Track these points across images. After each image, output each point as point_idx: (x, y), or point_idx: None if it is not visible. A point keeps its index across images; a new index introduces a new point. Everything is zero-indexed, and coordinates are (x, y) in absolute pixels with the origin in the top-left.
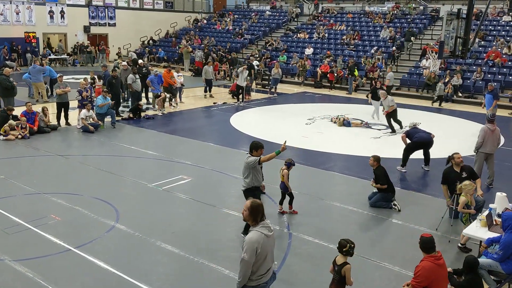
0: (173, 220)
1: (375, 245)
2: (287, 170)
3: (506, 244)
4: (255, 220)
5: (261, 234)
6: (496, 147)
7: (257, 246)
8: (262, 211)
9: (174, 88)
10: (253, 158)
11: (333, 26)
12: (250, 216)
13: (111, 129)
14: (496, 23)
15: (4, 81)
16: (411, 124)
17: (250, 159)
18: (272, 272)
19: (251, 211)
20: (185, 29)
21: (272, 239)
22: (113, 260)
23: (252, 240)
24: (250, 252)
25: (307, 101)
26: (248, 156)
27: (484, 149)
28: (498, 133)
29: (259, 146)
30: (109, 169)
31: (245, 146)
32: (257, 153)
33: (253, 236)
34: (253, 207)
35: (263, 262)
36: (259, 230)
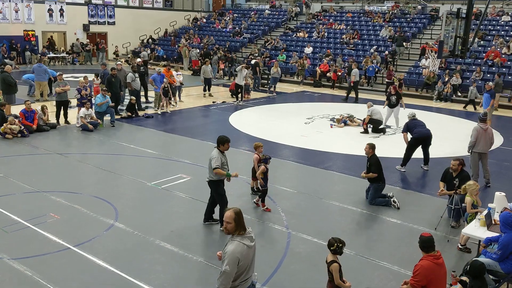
0: (172, 219)
1: (374, 244)
2: (264, 166)
3: (504, 244)
4: (243, 228)
5: (244, 246)
6: (489, 147)
7: (240, 258)
8: (243, 221)
9: (174, 87)
10: (216, 156)
11: (333, 25)
12: (236, 226)
13: (110, 128)
14: (496, 23)
15: (8, 78)
16: (410, 115)
17: (213, 157)
18: (250, 282)
19: (237, 220)
20: (185, 28)
21: (254, 249)
22: (112, 259)
23: (235, 252)
24: (232, 265)
25: (306, 101)
26: (215, 150)
27: (476, 149)
28: (491, 132)
29: (225, 141)
30: (108, 167)
31: (244, 145)
32: (224, 148)
33: (235, 248)
34: (238, 214)
35: (243, 272)
36: (242, 242)
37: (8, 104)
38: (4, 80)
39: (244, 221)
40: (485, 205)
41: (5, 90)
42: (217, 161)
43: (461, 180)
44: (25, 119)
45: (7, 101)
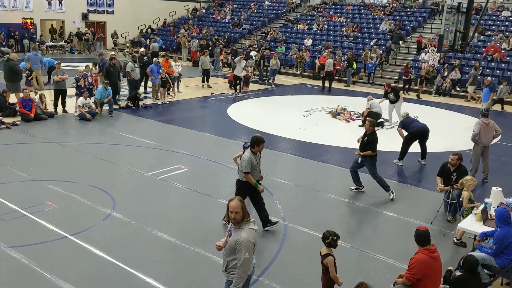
0: (169, 209)
1: (370, 237)
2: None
3: (499, 239)
4: (248, 214)
5: (254, 231)
6: (491, 140)
7: (255, 243)
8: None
9: (172, 78)
10: (247, 158)
11: (333, 18)
12: (244, 213)
13: (108, 118)
14: (496, 18)
15: (14, 66)
16: (404, 114)
17: (245, 159)
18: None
19: (244, 208)
20: (184, 18)
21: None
22: (109, 248)
23: (250, 238)
24: (250, 251)
25: (305, 93)
26: (247, 151)
27: (480, 142)
28: (493, 126)
29: (260, 141)
30: (106, 157)
31: (242, 137)
32: (258, 148)
33: (249, 235)
34: (243, 202)
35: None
36: (251, 227)
37: (13, 92)
38: (11, 68)
39: None
40: (482, 200)
41: (11, 78)
42: (247, 164)
43: (459, 175)
44: (22, 107)
45: (12, 89)
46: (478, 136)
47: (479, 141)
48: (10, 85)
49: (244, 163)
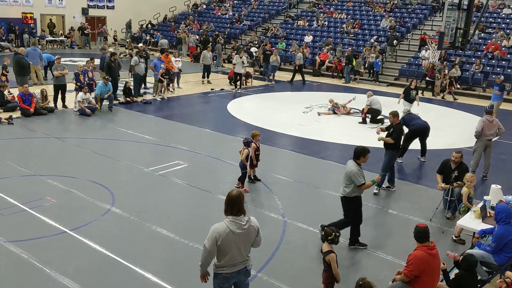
0: (168, 205)
1: (369, 234)
2: (247, 150)
3: (498, 236)
4: (226, 211)
5: (227, 228)
6: (495, 135)
7: (218, 238)
8: (239, 205)
9: (172, 73)
10: (356, 171)
11: (333, 14)
12: (226, 207)
13: (108, 113)
14: (497, 15)
15: (21, 60)
16: (405, 110)
17: (354, 172)
18: (243, 267)
19: (227, 202)
20: (184, 14)
21: (244, 236)
22: (108, 243)
23: (215, 230)
24: (210, 241)
25: (305, 89)
26: (352, 163)
27: (483, 138)
28: (497, 124)
29: (366, 152)
30: (105, 152)
31: (241, 133)
32: (364, 159)
33: (218, 227)
34: (229, 197)
35: (226, 254)
36: (227, 224)
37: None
38: (18, 62)
39: (242, 207)
40: (481, 197)
41: (19, 72)
42: (359, 176)
43: (460, 173)
44: (22, 102)
45: (21, 82)
46: (480, 134)
47: (481, 137)
48: (19, 79)
49: (355, 177)
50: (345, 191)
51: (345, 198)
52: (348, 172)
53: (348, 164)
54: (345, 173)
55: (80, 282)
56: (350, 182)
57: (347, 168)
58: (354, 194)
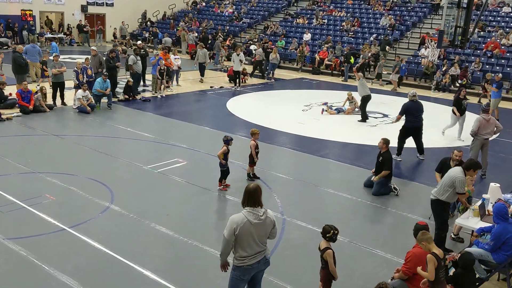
0: (167, 203)
1: (368, 232)
2: (225, 147)
3: (497, 235)
4: (244, 203)
5: (244, 218)
6: (491, 134)
7: (235, 228)
8: (256, 197)
9: (171, 71)
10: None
11: (333, 12)
12: (243, 198)
13: (107, 110)
14: (496, 13)
15: (19, 59)
16: (411, 94)
17: (460, 179)
18: (263, 256)
19: (245, 194)
20: (184, 11)
21: (260, 227)
22: (107, 241)
23: (233, 220)
24: (229, 231)
25: (304, 88)
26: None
27: (479, 137)
28: (494, 122)
29: (477, 167)
30: (104, 150)
31: (240, 131)
32: (473, 174)
33: (235, 216)
34: (246, 190)
35: (244, 245)
36: (244, 214)
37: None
38: (15, 60)
39: (259, 200)
40: (480, 196)
41: (17, 70)
42: (462, 185)
43: None
44: (21, 99)
45: (19, 80)
46: (477, 133)
47: (477, 136)
48: (17, 77)
49: (460, 184)
50: (440, 193)
51: (437, 201)
52: (454, 177)
53: (455, 170)
54: (449, 176)
55: (79, 279)
56: (451, 187)
57: (453, 172)
58: (447, 200)
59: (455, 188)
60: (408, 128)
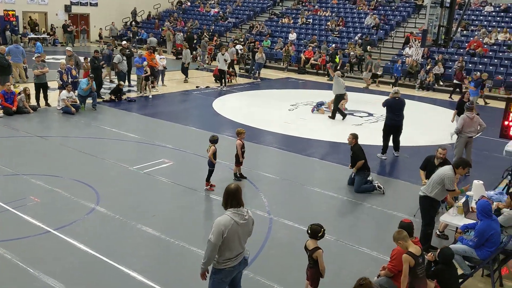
0: (154, 203)
1: (354, 230)
2: (214, 147)
3: (480, 231)
4: (226, 204)
5: (231, 220)
6: (475, 132)
7: (224, 230)
8: (238, 198)
9: (156, 71)
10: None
11: (318, 12)
12: (225, 200)
13: (92, 111)
14: (479, 13)
15: (1, 59)
16: (393, 91)
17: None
18: (242, 258)
19: (224, 194)
20: (169, 11)
21: (245, 227)
22: (93, 243)
23: (220, 223)
24: (216, 235)
25: (290, 87)
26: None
27: (463, 135)
28: (478, 121)
29: (466, 165)
30: (89, 151)
31: (227, 131)
32: (462, 171)
33: (221, 219)
34: (227, 191)
35: (230, 247)
36: (230, 216)
37: (2, 84)
38: None
39: (241, 200)
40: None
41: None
42: (451, 182)
43: None
44: (4, 100)
45: (2, 82)
46: (461, 131)
47: (461, 134)
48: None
49: (449, 181)
50: (428, 189)
51: (425, 197)
52: (443, 174)
53: (445, 167)
54: (438, 173)
55: (64, 282)
56: (440, 184)
57: (444, 170)
58: (436, 197)
59: (444, 185)
60: (388, 126)
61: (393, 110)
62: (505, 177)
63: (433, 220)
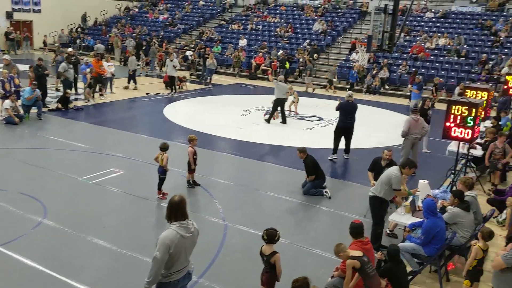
0: (104, 214)
1: (307, 232)
2: (167, 155)
3: (427, 229)
4: (178, 217)
5: (177, 234)
6: (420, 135)
7: (170, 245)
8: (182, 210)
9: (104, 78)
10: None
11: (267, 18)
12: (169, 213)
13: (37, 121)
14: (420, 19)
15: None
16: (347, 95)
17: (395, 176)
18: (186, 271)
19: (169, 208)
20: (116, 17)
21: (190, 239)
22: (40, 258)
23: (166, 238)
24: (163, 251)
25: (242, 93)
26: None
27: (409, 137)
28: (422, 123)
29: (413, 166)
30: (35, 162)
31: (179, 137)
32: (409, 171)
33: (167, 234)
34: (171, 203)
35: (176, 262)
36: (176, 230)
37: None
38: None
39: (185, 212)
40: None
41: None
42: (398, 182)
43: None
44: None
45: None
46: (407, 133)
47: (408, 137)
48: None
49: (396, 181)
50: (377, 190)
51: (375, 198)
52: (390, 174)
53: (392, 168)
54: (386, 174)
55: None
56: (387, 184)
57: (391, 171)
58: (384, 196)
59: (391, 185)
60: (340, 128)
61: (345, 112)
62: (449, 176)
63: (382, 219)
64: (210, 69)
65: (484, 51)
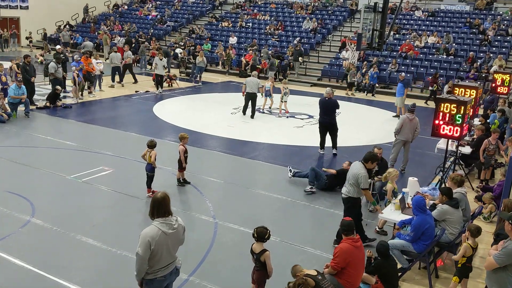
0: (93, 213)
1: (298, 230)
2: (155, 151)
3: (416, 226)
4: (153, 214)
5: (159, 231)
6: (412, 136)
7: (151, 242)
8: (165, 206)
9: (93, 75)
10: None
11: (257, 16)
12: (152, 209)
13: (24, 119)
14: (409, 17)
15: None
16: (326, 91)
17: (362, 175)
18: (174, 267)
19: (151, 203)
20: (105, 15)
21: (174, 236)
22: (29, 257)
23: (147, 235)
24: (143, 247)
25: (232, 91)
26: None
27: (401, 136)
28: (416, 123)
29: (375, 159)
30: (23, 161)
31: (169, 135)
32: (371, 166)
33: (148, 231)
34: (154, 200)
35: (159, 258)
36: (157, 226)
37: None
38: None
39: (169, 208)
40: (399, 190)
41: None
42: (366, 180)
43: (381, 167)
44: None
45: None
46: (399, 131)
47: (399, 136)
48: None
49: (364, 179)
50: (350, 191)
51: (348, 198)
52: (356, 173)
53: (355, 165)
54: (352, 173)
55: None
56: (356, 183)
57: (355, 169)
58: (358, 195)
59: (360, 184)
60: (320, 123)
61: (322, 109)
62: (438, 173)
63: (359, 214)
64: (200, 67)
65: (473, 49)
